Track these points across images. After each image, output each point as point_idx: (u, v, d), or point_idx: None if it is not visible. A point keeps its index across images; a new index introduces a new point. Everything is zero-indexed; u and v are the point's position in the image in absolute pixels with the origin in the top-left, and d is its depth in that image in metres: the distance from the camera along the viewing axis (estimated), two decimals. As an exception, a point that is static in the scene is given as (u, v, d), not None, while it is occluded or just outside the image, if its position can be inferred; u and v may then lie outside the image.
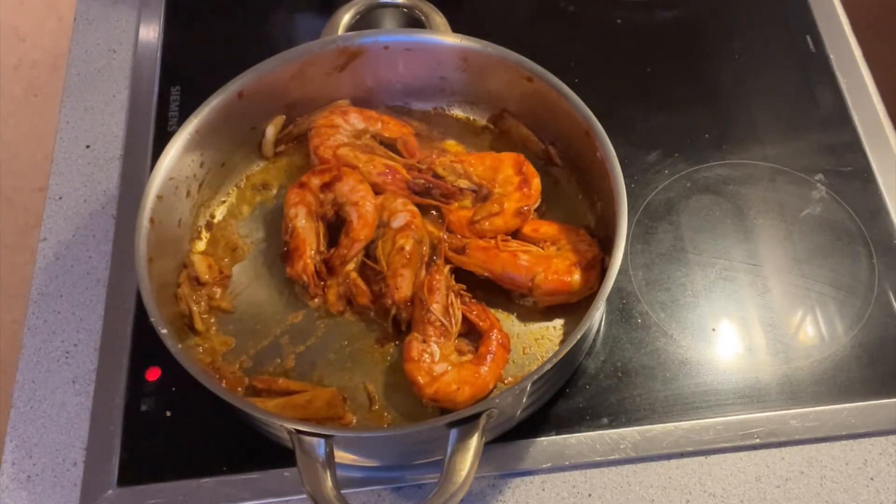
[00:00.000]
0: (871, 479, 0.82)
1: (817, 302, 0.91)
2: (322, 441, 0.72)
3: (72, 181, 1.01)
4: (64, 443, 0.85)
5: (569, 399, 0.86)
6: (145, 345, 0.88)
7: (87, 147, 1.03)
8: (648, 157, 1.01)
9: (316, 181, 0.91)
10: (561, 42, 1.11)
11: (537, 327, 0.87)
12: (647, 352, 0.88)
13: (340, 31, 0.95)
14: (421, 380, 0.81)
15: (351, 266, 0.88)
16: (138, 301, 0.90)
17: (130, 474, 0.82)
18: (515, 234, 0.90)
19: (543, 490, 0.82)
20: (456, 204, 0.92)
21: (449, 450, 0.71)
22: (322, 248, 0.89)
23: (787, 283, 0.93)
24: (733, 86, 1.07)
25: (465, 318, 0.85)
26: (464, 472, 0.70)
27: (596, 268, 0.87)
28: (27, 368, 0.89)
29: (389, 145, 0.96)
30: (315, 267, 0.88)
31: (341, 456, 0.77)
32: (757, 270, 0.93)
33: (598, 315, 0.85)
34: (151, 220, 0.83)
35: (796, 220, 0.97)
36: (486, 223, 0.90)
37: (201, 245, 0.92)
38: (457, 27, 0.96)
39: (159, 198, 0.85)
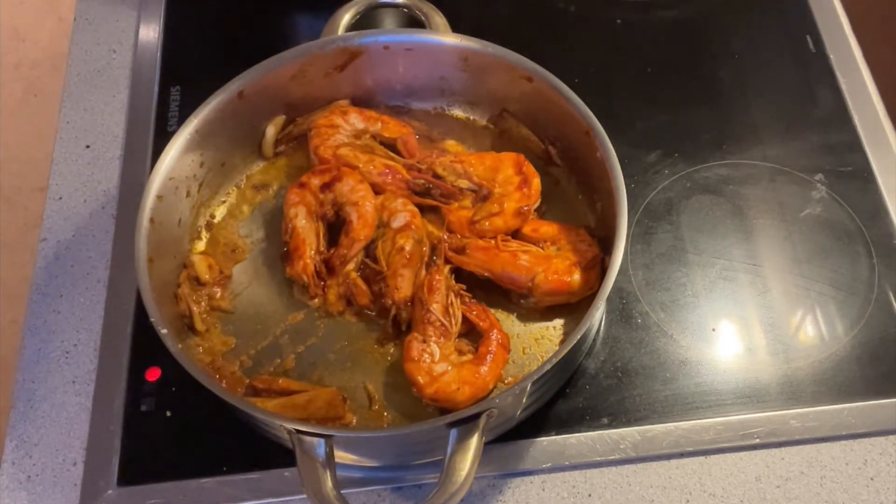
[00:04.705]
0: (871, 479, 0.82)
1: (817, 302, 0.91)
2: (322, 441, 0.72)
3: (72, 181, 1.01)
4: (64, 443, 0.85)
5: (569, 399, 0.86)
6: (145, 345, 0.88)
7: (87, 147, 1.03)
8: (648, 157, 1.01)
9: (316, 181, 0.91)
10: (561, 42, 1.11)
11: (537, 327, 0.87)
12: (647, 352, 0.88)
13: (340, 31, 0.95)
14: (421, 380, 0.81)
15: (351, 266, 0.88)
16: (138, 301, 0.90)
17: (130, 474, 0.82)
18: (515, 234, 0.90)
19: (543, 490, 0.82)
20: (456, 204, 0.92)
21: (449, 450, 0.71)
22: (322, 248, 0.89)
23: (787, 283, 0.92)
24: (733, 86, 1.07)
25: (465, 318, 0.85)
26: (464, 472, 0.70)
27: (596, 268, 0.87)
28: (27, 368, 0.89)
29: (389, 145, 0.96)
30: (315, 267, 0.88)
31: (341, 456, 0.77)
32: (757, 270, 0.93)
33: (598, 315, 0.85)
34: (151, 220, 0.83)
35: (796, 220, 0.97)
36: (486, 223, 0.89)
37: (201, 245, 0.92)
38: (457, 27, 0.96)
39: (159, 198, 0.85)
